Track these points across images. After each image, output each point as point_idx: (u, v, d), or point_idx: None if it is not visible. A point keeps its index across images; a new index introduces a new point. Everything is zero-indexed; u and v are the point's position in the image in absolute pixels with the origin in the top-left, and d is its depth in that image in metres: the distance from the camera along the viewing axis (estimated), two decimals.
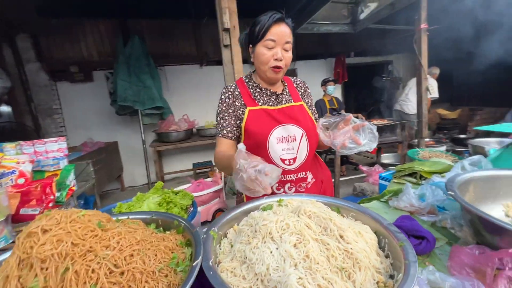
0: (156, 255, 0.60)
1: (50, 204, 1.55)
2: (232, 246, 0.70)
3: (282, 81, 1.22)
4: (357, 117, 0.97)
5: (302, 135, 1.10)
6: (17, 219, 1.41)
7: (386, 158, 4.05)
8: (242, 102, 1.13)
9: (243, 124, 1.10)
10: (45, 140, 1.83)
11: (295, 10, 4.55)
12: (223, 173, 2.80)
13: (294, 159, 1.09)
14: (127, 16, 4.13)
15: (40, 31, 3.90)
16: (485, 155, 1.50)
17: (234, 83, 1.20)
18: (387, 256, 0.63)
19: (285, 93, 1.18)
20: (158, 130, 4.00)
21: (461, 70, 5.08)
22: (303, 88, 1.25)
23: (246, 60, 1.13)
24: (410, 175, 1.58)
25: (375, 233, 0.68)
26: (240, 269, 0.60)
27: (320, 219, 0.64)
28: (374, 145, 0.91)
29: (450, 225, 0.86)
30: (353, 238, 0.59)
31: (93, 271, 0.50)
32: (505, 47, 3.58)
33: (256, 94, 1.15)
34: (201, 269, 0.55)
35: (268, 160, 1.07)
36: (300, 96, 1.22)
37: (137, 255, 0.56)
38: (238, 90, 1.16)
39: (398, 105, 4.76)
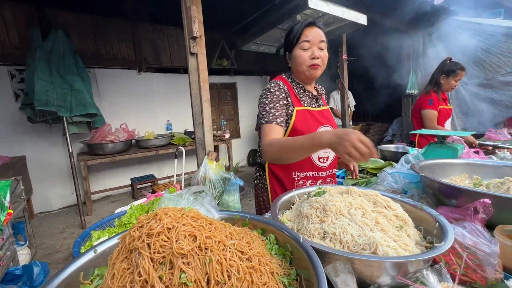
0: (253, 242, 0.65)
1: None
2: (297, 230, 0.80)
3: (314, 86, 1.33)
4: None
5: None
6: None
7: None
8: (290, 101, 1.17)
9: (291, 123, 1.15)
10: None
11: (239, 27, 4.86)
12: (182, 184, 2.66)
13: (327, 158, 1.24)
14: (45, 4, 3.41)
15: None
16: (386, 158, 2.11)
17: (279, 80, 1.21)
18: None
19: (319, 98, 1.31)
20: (89, 140, 3.39)
21: (358, 94, 6.57)
22: (324, 94, 1.41)
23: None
24: (359, 171, 2.02)
25: None
26: (325, 243, 0.71)
27: (368, 196, 0.83)
28: None
29: (417, 199, 1.21)
30: (396, 206, 0.80)
31: (229, 259, 0.52)
32: (389, 79, 4.93)
33: (301, 95, 1.22)
34: None
35: (308, 157, 1.18)
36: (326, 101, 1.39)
37: (251, 242, 0.60)
38: (286, 87, 1.19)
39: None
